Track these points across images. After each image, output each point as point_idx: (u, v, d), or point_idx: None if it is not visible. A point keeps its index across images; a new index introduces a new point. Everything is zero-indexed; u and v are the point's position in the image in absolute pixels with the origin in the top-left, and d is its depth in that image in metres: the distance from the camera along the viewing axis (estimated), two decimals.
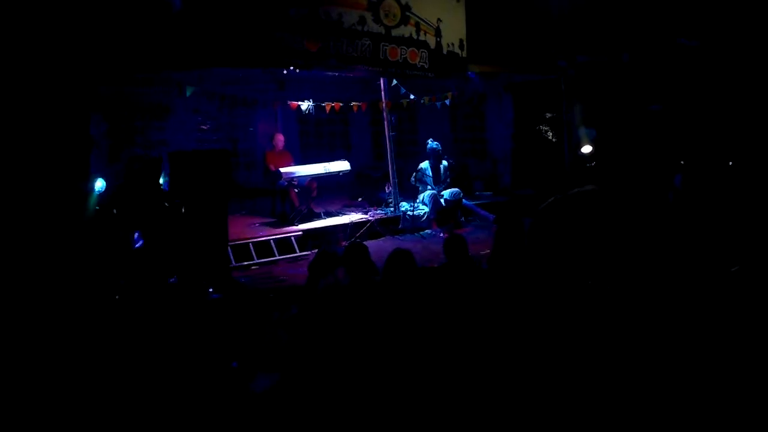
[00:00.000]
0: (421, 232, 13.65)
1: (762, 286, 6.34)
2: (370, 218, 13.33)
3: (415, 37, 13.53)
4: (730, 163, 12.41)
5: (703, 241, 8.56)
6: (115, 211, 9.30)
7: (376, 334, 5.36)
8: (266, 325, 7.36)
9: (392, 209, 14.25)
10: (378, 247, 11.50)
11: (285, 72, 12.73)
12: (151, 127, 15.10)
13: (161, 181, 9.95)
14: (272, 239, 11.73)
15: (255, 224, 12.98)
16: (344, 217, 13.46)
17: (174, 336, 6.89)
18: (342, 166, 13.90)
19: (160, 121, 15.27)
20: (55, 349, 6.58)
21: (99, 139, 12.47)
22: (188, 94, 12.52)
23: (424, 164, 14.46)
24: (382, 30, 12.81)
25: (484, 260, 7.33)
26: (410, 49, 13.44)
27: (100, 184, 9.86)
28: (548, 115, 17.61)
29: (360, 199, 15.40)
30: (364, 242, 11.04)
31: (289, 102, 13.97)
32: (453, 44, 14.44)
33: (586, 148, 15.83)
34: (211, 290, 8.70)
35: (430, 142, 14.54)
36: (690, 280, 6.86)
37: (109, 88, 12.88)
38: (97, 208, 9.63)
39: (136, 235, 9.49)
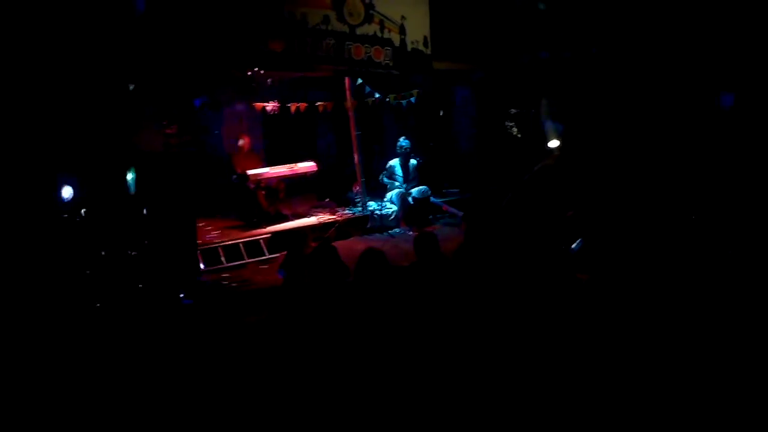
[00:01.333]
0: (389, 231, 13.62)
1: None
2: (338, 218, 13.29)
3: (379, 35, 13.49)
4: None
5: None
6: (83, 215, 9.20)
7: (350, 335, 5.33)
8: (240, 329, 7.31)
9: (360, 209, 14.21)
10: (347, 247, 11.45)
11: (249, 73, 12.64)
12: (116, 131, 14.90)
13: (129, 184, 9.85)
14: (241, 242, 11.66)
15: (223, 227, 12.88)
16: (312, 218, 13.40)
17: (148, 343, 6.83)
18: (308, 166, 13.83)
19: (124, 125, 15.09)
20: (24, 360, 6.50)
21: (64, 145, 12.31)
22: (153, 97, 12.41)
23: (394, 162, 14.46)
24: (346, 29, 12.76)
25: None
26: (374, 47, 13.39)
27: (68, 192, 9.74)
28: (513, 110, 17.62)
29: (328, 200, 15.35)
30: (333, 242, 11.08)
31: (254, 103, 13.88)
32: (417, 41, 14.42)
33: (553, 143, 15.86)
34: (182, 296, 8.62)
35: (401, 140, 14.51)
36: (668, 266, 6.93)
37: (70, 92, 12.73)
38: (65, 215, 9.52)
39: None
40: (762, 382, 5.08)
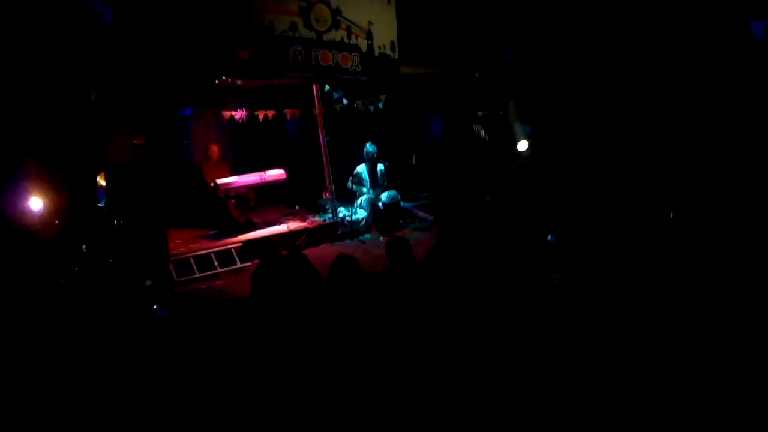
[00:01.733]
0: (360, 237, 13.61)
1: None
2: (308, 226, 13.28)
3: (346, 41, 13.49)
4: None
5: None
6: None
7: (325, 342, 5.32)
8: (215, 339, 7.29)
9: (330, 215, 14.20)
10: (318, 254, 11.44)
11: (217, 81, 12.60)
12: (85, 142, 14.77)
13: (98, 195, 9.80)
14: (213, 252, 11.61)
15: (194, 237, 12.81)
16: (283, 225, 13.36)
17: (123, 355, 6.79)
18: (277, 174, 13.78)
19: (93, 136, 14.96)
20: None
21: (33, 157, 12.21)
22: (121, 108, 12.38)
23: (361, 168, 14.42)
24: (313, 35, 12.75)
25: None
26: (342, 53, 13.39)
27: (37, 204, 9.67)
28: (480, 113, 17.66)
29: (297, 207, 15.31)
30: (304, 250, 11.07)
31: (222, 112, 13.85)
32: (384, 46, 14.43)
33: (522, 145, 15.92)
34: (156, 307, 8.58)
35: (367, 146, 14.49)
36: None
37: (38, 102, 12.61)
38: (36, 227, 9.46)
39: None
40: (738, 378, 5.11)
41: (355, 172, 14.44)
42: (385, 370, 5.12)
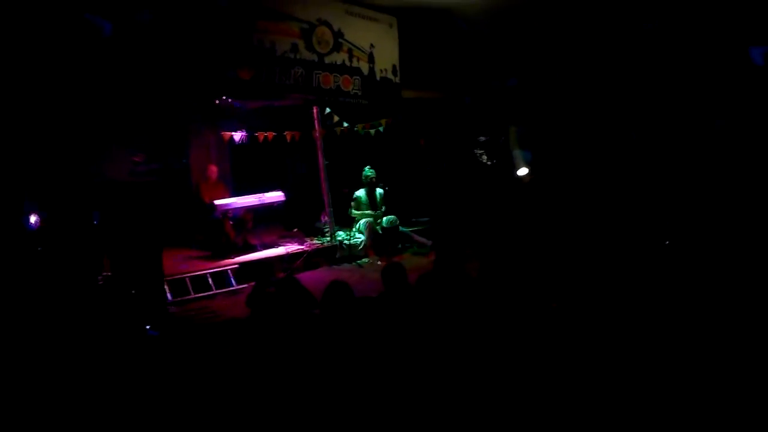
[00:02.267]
0: (358, 261, 13.53)
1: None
2: (306, 249, 13.20)
3: (348, 63, 13.48)
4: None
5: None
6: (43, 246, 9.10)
7: (317, 368, 5.25)
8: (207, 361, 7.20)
9: (328, 239, 14.13)
10: (315, 278, 11.36)
11: (217, 102, 12.55)
12: (84, 160, 14.72)
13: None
14: (209, 273, 11.51)
15: (191, 258, 12.72)
16: (280, 248, 13.29)
17: (113, 375, 6.71)
18: (276, 196, 13.69)
19: (91, 153, 14.90)
20: None
21: (32, 172, 12.15)
22: (120, 125, 12.34)
23: (360, 192, 14.34)
24: (314, 57, 12.74)
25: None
26: (343, 75, 13.38)
27: (34, 220, 9.61)
28: (482, 138, 17.64)
29: (296, 230, 15.26)
30: (302, 273, 10.99)
31: (221, 132, 13.80)
32: (386, 70, 14.43)
33: (522, 171, 15.90)
34: (148, 327, 8.49)
35: (366, 170, 14.42)
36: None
37: (36, 119, 12.56)
38: (31, 243, 9.39)
39: None
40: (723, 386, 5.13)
41: (354, 196, 14.33)
42: (376, 393, 5.06)
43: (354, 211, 14.26)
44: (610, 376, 5.40)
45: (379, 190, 14.46)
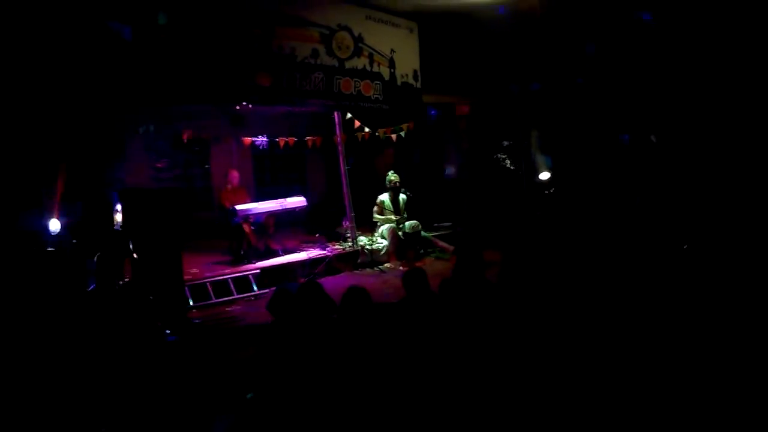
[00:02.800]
0: (380, 266, 13.48)
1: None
2: (328, 254, 13.19)
3: (368, 68, 13.47)
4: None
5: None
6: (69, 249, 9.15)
7: (336, 373, 5.24)
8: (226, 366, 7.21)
9: (350, 244, 14.12)
10: (337, 283, 11.35)
11: (238, 107, 12.56)
12: (106, 166, 14.80)
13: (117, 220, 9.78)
14: (230, 278, 11.52)
15: (212, 263, 12.73)
16: (302, 253, 13.28)
17: (131, 380, 6.71)
18: (298, 201, 13.66)
19: (114, 159, 14.99)
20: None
21: (53, 177, 12.21)
22: (141, 131, 12.39)
23: (383, 196, 14.30)
24: (335, 63, 12.74)
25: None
26: (364, 81, 13.37)
27: (55, 225, 9.65)
28: (506, 143, 17.62)
29: (317, 235, 15.24)
30: (323, 278, 10.98)
31: (242, 138, 13.83)
32: (407, 75, 14.41)
33: (544, 175, 15.86)
34: (168, 332, 8.49)
35: (389, 175, 14.38)
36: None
37: (60, 125, 12.62)
38: (52, 249, 9.43)
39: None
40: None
41: (378, 200, 14.30)
42: (395, 399, 5.05)
43: (377, 216, 14.22)
44: (628, 380, 5.38)
45: (402, 196, 14.41)
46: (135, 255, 9.16)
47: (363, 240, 14.16)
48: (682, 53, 13.11)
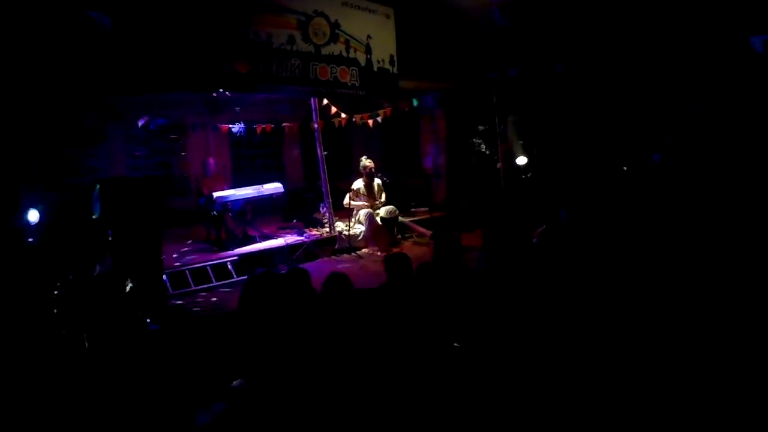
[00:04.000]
0: (357, 251, 13.52)
1: None
2: (305, 240, 13.21)
3: (345, 54, 13.47)
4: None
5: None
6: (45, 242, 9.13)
7: (318, 361, 5.26)
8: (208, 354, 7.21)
9: (328, 230, 14.14)
10: (315, 269, 11.38)
11: (215, 95, 12.54)
12: (84, 155, 14.75)
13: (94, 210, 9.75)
14: (209, 265, 11.52)
15: (191, 250, 12.74)
16: (280, 239, 13.30)
17: (114, 369, 6.72)
18: (275, 188, 13.68)
19: (93, 149, 14.94)
20: None
21: (31, 167, 12.15)
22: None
23: (358, 183, 14.31)
24: (311, 49, 12.73)
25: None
26: (340, 67, 13.37)
27: (34, 216, 9.63)
28: (481, 127, 17.67)
29: (295, 221, 15.27)
30: (301, 264, 10.99)
31: (219, 125, 13.81)
32: (383, 60, 14.41)
33: (521, 160, 15.94)
34: (148, 321, 8.50)
35: (363, 160, 14.38)
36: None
37: (38, 114, 12.57)
38: (30, 240, 9.41)
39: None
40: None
41: (354, 187, 14.29)
42: (375, 386, 5.07)
43: (352, 203, 14.21)
44: (614, 372, 5.40)
45: (377, 181, 14.41)
46: (113, 244, 9.15)
47: (340, 225, 14.18)
48: (662, 38, 13.19)
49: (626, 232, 9.22)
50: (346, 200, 14.24)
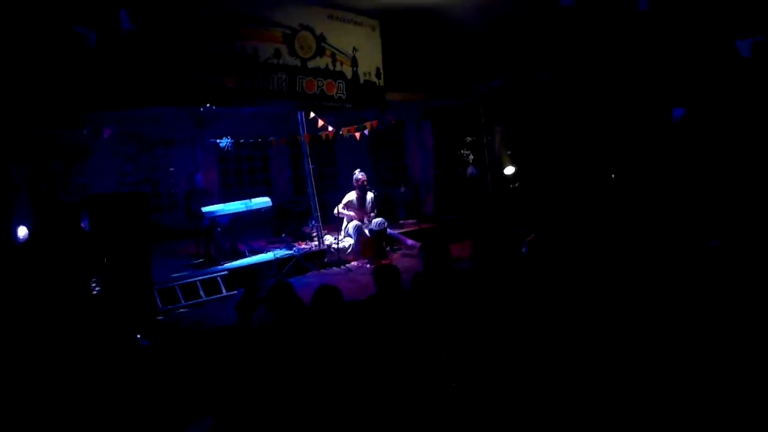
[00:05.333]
0: (347, 264, 13.50)
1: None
2: (294, 253, 13.18)
3: (331, 68, 13.48)
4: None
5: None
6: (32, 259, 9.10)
7: (308, 373, 5.24)
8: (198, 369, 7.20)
9: (317, 243, 14.12)
10: (304, 283, 11.37)
11: (202, 109, 12.52)
12: (71, 171, 14.73)
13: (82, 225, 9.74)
14: (198, 280, 11.49)
15: (180, 266, 12.69)
16: (269, 253, 13.25)
17: (105, 386, 6.70)
18: (263, 202, 13.65)
19: (80, 165, 14.92)
20: None
21: (19, 184, 12.12)
22: (106, 136, 12.34)
23: (350, 195, 14.28)
24: (297, 62, 12.73)
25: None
26: (327, 80, 13.38)
27: (23, 232, 9.61)
28: (468, 139, 17.71)
29: (284, 235, 15.25)
30: (291, 278, 10.97)
31: (206, 140, 13.79)
32: (370, 73, 14.43)
33: (509, 170, 15.98)
34: (139, 337, 8.48)
35: (356, 173, 14.37)
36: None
37: (25, 131, 12.53)
38: (20, 256, 9.39)
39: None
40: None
41: (346, 200, 14.25)
42: (367, 397, 5.06)
43: (342, 211, 14.19)
44: (605, 381, 5.38)
45: (369, 194, 14.40)
46: (102, 260, 9.14)
47: (329, 239, 14.17)
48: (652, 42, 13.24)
49: (615, 239, 9.22)
50: (336, 209, 14.22)
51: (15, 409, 6.31)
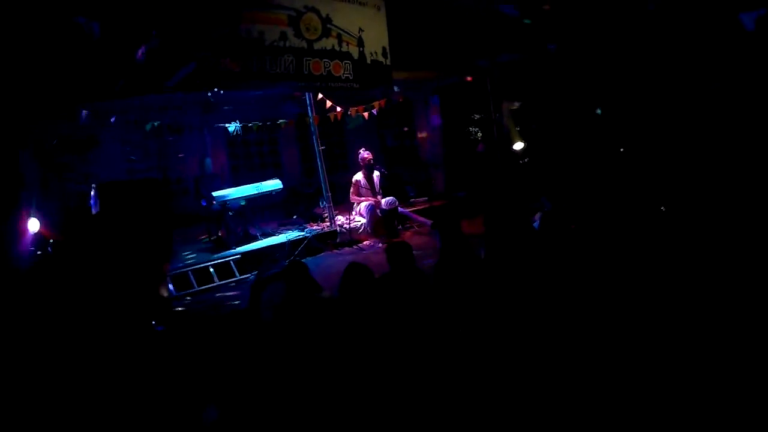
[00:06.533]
0: (359, 244, 13.54)
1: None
2: (306, 235, 13.20)
3: (337, 48, 13.44)
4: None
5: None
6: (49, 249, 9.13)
7: (332, 354, 5.25)
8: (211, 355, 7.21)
9: (328, 224, 14.15)
10: (317, 263, 11.40)
11: (209, 94, 12.52)
12: (80, 161, 14.73)
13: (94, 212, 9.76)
14: (211, 265, 11.53)
15: (192, 251, 12.75)
16: (281, 236, 13.30)
17: (122, 372, 6.72)
18: (274, 184, 13.69)
19: (89, 154, 14.92)
20: None
21: (29, 177, 12.13)
22: (113, 122, 12.37)
23: (359, 176, 14.29)
24: (304, 44, 12.70)
25: (427, 267, 7.17)
26: (333, 61, 13.35)
27: (34, 224, 9.62)
28: (476, 116, 17.67)
29: (295, 217, 15.29)
30: (304, 258, 10.99)
31: (215, 125, 13.79)
32: (376, 53, 14.39)
33: (518, 145, 15.95)
34: (154, 323, 8.50)
35: (361, 152, 14.37)
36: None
37: (34, 123, 12.55)
38: (32, 248, 9.41)
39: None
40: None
41: (354, 180, 14.26)
42: (390, 377, 5.06)
43: (354, 197, 14.19)
44: (615, 366, 5.36)
45: (376, 172, 14.39)
46: (116, 248, 9.15)
47: (341, 219, 14.20)
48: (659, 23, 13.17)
49: (626, 216, 9.19)
50: (352, 196, 14.23)
51: (29, 393, 6.36)
